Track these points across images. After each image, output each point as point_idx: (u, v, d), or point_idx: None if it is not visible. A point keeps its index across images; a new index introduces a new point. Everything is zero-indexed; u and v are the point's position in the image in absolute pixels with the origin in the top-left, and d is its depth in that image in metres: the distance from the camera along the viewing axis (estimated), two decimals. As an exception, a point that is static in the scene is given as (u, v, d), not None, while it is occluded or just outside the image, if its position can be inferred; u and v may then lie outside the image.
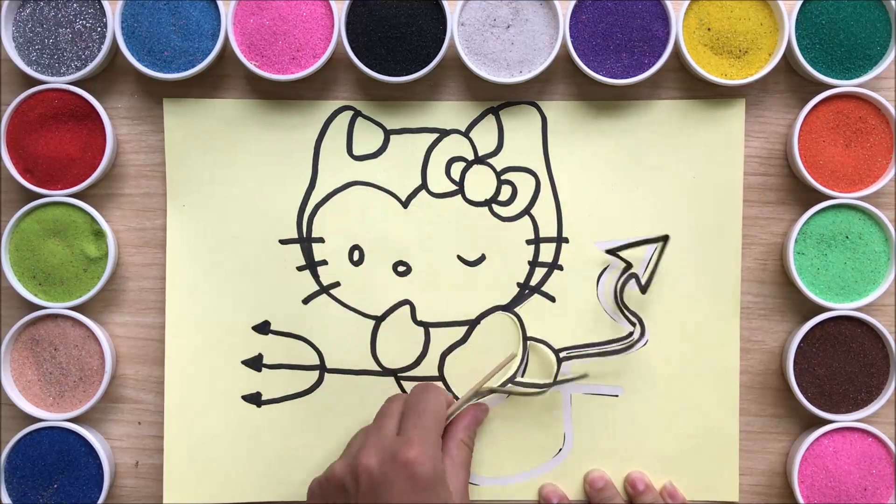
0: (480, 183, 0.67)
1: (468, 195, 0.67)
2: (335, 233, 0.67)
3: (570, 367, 0.67)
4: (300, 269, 0.67)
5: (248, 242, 0.67)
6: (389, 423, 0.60)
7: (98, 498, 0.65)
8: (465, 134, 0.67)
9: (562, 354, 0.66)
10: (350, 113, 0.67)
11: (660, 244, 0.66)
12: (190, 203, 0.67)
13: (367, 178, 0.67)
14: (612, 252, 0.66)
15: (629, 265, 0.66)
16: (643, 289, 0.66)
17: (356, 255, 0.67)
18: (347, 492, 0.58)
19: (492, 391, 0.66)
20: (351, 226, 0.67)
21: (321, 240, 0.67)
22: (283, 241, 0.67)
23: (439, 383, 0.66)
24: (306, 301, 0.67)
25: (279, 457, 0.67)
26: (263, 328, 0.67)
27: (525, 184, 0.67)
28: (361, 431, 0.62)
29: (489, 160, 0.67)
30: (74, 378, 0.66)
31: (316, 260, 0.67)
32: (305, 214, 0.67)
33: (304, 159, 0.67)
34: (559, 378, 0.66)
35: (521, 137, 0.67)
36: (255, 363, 0.67)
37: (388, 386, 0.67)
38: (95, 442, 0.65)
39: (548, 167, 0.67)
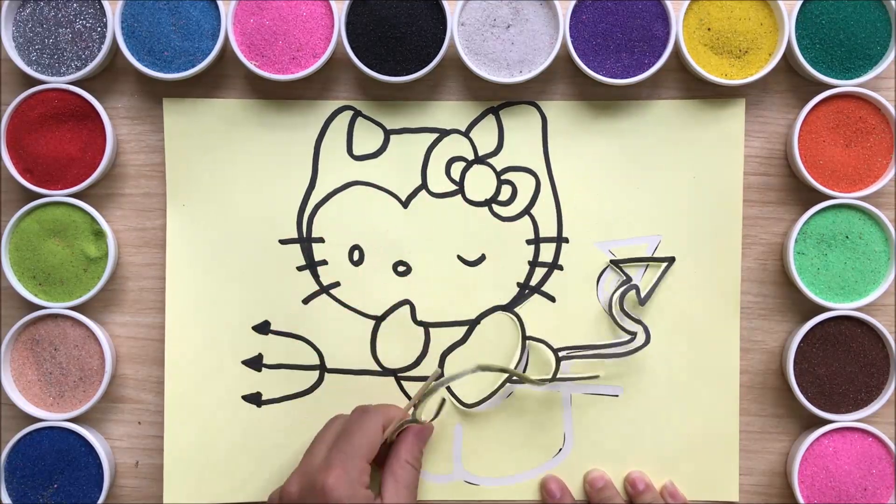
0: (480, 183, 0.67)
1: (468, 195, 0.67)
2: (335, 233, 0.67)
3: (571, 367, 0.67)
4: (300, 269, 0.67)
5: (248, 242, 0.67)
6: (320, 449, 0.60)
7: (98, 498, 0.65)
8: (465, 134, 0.67)
9: (561, 354, 0.66)
10: (350, 113, 0.67)
11: (664, 264, 0.66)
12: (190, 203, 0.67)
13: (367, 178, 0.67)
14: (615, 264, 0.66)
15: (629, 278, 0.66)
16: (642, 301, 0.66)
17: (356, 255, 0.67)
18: None
19: (509, 379, 0.66)
20: (351, 226, 0.67)
21: (321, 240, 0.67)
22: (283, 241, 0.67)
23: (385, 405, 0.64)
24: (306, 301, 0.67)
25: (279, 457, 0.67)
26: (263, 328, 0.67)
27: (525, 184, 0.67)
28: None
29: (489, 160, 0.67)
30: (74, 378, 0.66)
31: (316, 260, 0.67)
32: (305, 214, 0.67)
33: (304, 159, 0.67)
34: (562, 377, 0.66)
35: (521, 137, 0.67)
36: (255, 363, 0.67)
37: (389, 386, 0.67)
38: (95, 442, 0.65)
39: (548, 167, 0.67)
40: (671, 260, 0.66)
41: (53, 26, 0.65)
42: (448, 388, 0.67)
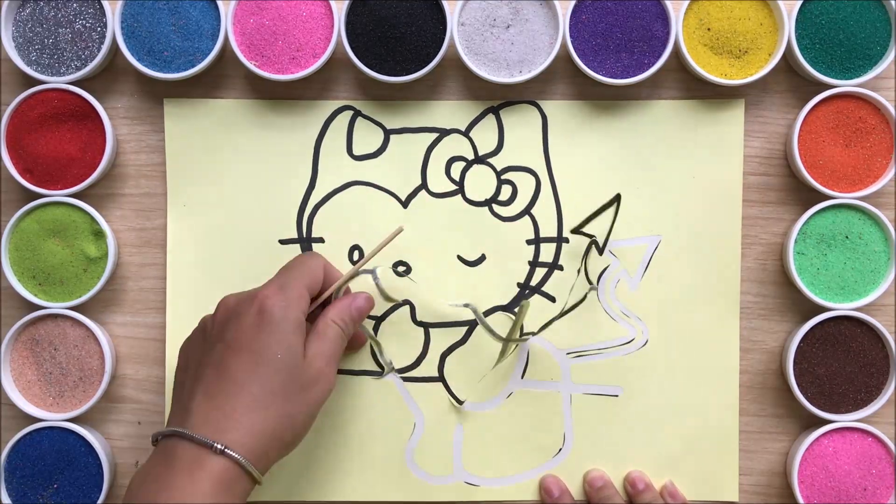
0: (480, 183, 0.67)
1: (468, 195, 0.67)
2: (335, 233, 0.67)
3: (571, 367, 0.67)
4: (300, 269, 0.67)
5: (248, 242, 0.67)
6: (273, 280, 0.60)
7: (98, 498, 0.65)
8: (465, 134, 0.67)
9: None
10: (350, 113, 0.67)
11: (614, 205, 0.66)
12: (190, 203, 0.67)
13: (367, 178, 0.67)
14: (576, 230, 0.66)
15: (592, 237, 0.66)
16: (600, 250, 0.66)
17: (356, 255, 0.67)
18: (206, 329, 0.59)
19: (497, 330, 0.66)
20: (351, 226, 0.67)
21: (321, 240, 0.67)
22: (283, 241, 0.67)
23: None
24: (306, 301, 0.67)
25: (279, 457, 0.67)
26: (263, 328, 0.67)
27: (525, 183, 0.67)
28: None
29: (489, 160, 0.67)
30: (74, 378, 0.66)
31: (316, 260, 0.67)
32: (305, 214, 0.67)
33: (304, 159, 0.67)
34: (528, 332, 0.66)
35: (521, 137, 0.67)
36: (255, 363, 0.67)
37: (388, 386, 0.67)
38: (95, 442, 0.65)
39: (548, 167, 0.67)
40: (617, 198, 0.66)
41: (53, 26, 0.65)
42: (446, 388, 0.67)
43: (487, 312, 0.67)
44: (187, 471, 0.52)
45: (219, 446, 0.53)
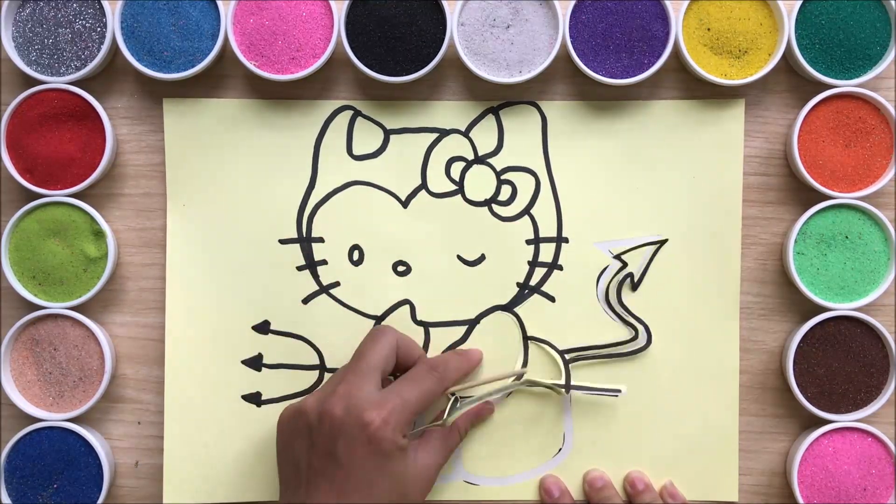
0: (480, 183, 0.67)
1: (468, 195, 0.67)
2: (335, 232, 0.67)
3: (572, 367, 0.67)
4: (300, 268, 0.67)
5: (248, 242, 0.67)
6: (370, 375, 0.60)
7: (98, 498, 0.65)
8: (465, 134, 0.67)
9: (568, 357, 0.66)
10: (350, 113, 0.68)
11: (656, 245, 0.66)
12: (190, 203, 0.67)
13: (367, 178, 0.67)
14: (618, 256, 0.66)
15: (625, 264, 0.66)
16: (634, 286, 0.66)
17: (356, 255, 0.67)
18: (311, 430, 0.59)
19: (509, 386, 0.66)
20: (351, 226, 0.67)
21: (321, 239, 0.67)
22: (282, 241, 0.67)
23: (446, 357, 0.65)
24: (306, 301, 0.67)
25: (279, 457, 0.67)
26: (263, 328, 0.67)
27: (525, 184, 0.67)
28: (343, 368, 0.62)
29: (489, 160, 0.67)
30: (74, 378, 0.66)
31: (316, 260, 0.67)
32: (305, 214, 0.67)
33: (304, 159, 0.67)
34: (586, 384, 0.66)
35: (520, 137, 0.67)
36: (255, 363, 0.67)
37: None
38: (95, 442, 0.65)
39: (548, 167, 0.67)
40: (663, 241, 0.66)
41: (53, 26, 0.65)
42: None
43: (486, 312, 0.67)
44: None
45: None
